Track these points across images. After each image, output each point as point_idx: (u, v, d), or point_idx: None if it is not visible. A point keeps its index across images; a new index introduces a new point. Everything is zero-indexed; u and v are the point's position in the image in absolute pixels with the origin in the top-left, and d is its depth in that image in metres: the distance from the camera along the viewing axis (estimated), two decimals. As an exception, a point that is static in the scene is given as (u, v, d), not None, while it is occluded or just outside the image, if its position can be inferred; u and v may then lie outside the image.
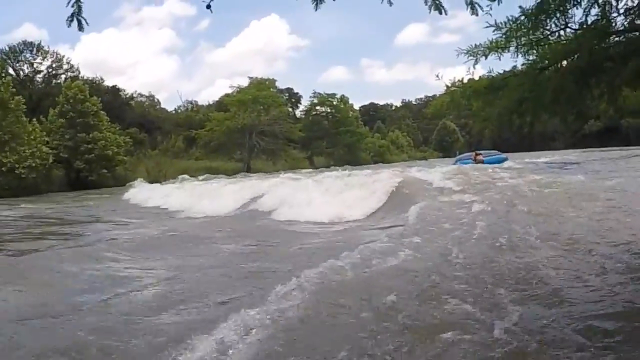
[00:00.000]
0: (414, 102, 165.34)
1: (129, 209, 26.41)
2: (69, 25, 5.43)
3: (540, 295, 6.38)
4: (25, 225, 20.15)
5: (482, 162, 41.92)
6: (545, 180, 18.66)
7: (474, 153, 46.84)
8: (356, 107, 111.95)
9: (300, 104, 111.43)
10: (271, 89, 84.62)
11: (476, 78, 6.59)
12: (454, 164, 42.45)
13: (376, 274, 7.56)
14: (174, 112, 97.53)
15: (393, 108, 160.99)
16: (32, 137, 45.75)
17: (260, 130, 77.56)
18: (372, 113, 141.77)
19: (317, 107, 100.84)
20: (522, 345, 4.85)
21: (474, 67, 6.29)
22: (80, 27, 5.49)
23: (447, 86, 6.47)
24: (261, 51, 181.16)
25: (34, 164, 44.76)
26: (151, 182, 45.43)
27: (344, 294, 6.67)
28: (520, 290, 6.56)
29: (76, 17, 5.41)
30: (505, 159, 44.53)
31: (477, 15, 6.03)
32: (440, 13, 6.23)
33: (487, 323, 5.38)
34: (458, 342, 5.02)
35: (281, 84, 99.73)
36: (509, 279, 7.09)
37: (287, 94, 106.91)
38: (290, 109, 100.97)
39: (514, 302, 6.10)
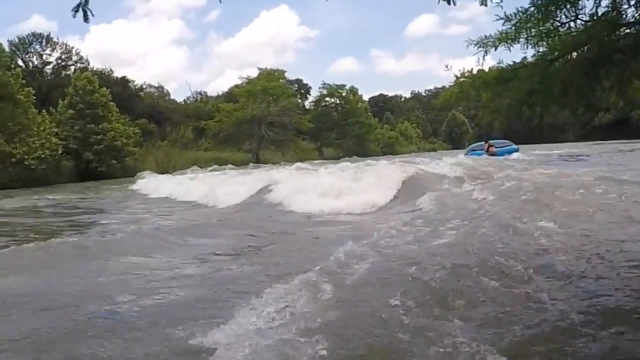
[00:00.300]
0: (423, 94, 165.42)
1: (138, 200, 26.47)
2: (74, 16, 5.38)
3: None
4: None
5: (495, 154, 41.16)
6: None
7: (486, 144, 46.00)
8: (365, 98, 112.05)
9: (310, 95, 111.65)
10: (280, 80, 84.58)
11: (485, 69, 6.56)
12: (466, 154, 42.29)
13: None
14: (183, 103, 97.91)
15: (402, 99, 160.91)
16: (41, 128, 45.95)
17: (269, 121, 77.63)
18: (382, 104, 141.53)
19: (327, 98, 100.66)
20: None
21: (484, 59, 6.26)
22: (86, 19, 5.44)
23: (456, 77, 6.44)
24: (270, 42, 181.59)
25: (43, 155, 44.96)
26: (160, 172, 45.47)
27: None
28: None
29: (82, 7, 5.37)
30: (517, 150, 44.25)
31: (486, 6, 5.98)
32: (449, 4, 6.18)
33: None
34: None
35: (290, 75, 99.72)
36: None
37: (296, 85, 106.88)
38: (299, 100, 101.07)
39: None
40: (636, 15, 5.71)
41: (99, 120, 53.76)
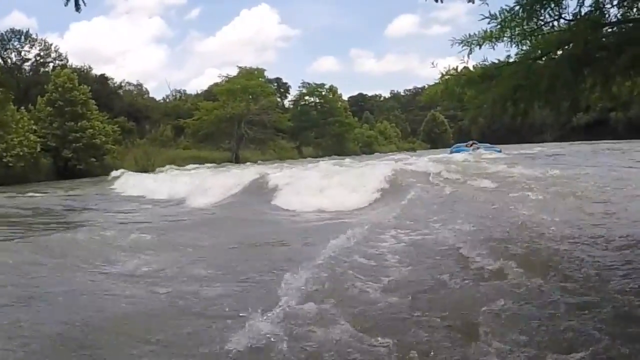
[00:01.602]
0: (402, 93, 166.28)
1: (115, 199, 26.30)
2: (66, 4, 5.37)
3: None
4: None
5: (479, 148, 45.69)
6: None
7: (470, 142, 50.71)
8: (345, 97, 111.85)
9: (289, 94, 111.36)
10: (260, 79, 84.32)
11: (469, 68, 6.66)
12: (450, 153, 43.49)
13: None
14: (162, 101, 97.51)
15: (382, 99, 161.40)
16: (19, 125, 45.40)
17: (249, 119, 77.40)
18: (361, 104, 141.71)
19: (306, 97, 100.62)
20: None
21: (469, 57, 6.37)
22: (78, 8, 5.46)
23: (441, 74, 6.54)
24: (251, 41, 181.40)
25: (21, 153, 44.45)
26: (140, 171, 45.31)
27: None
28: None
29: (74, -3, 5.38)
30: (499, 151, 46.13)
31: (473, 3, 6.08)
32: (436, 1, 6.28)
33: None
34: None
35: (270, 74, 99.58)
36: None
37: (275, 84, 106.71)
38: (279, 99, 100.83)
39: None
40: (618, 15, 5.83)
41: (78, 118, 53.18)
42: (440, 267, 7.16)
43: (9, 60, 68.24)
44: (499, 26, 6.08)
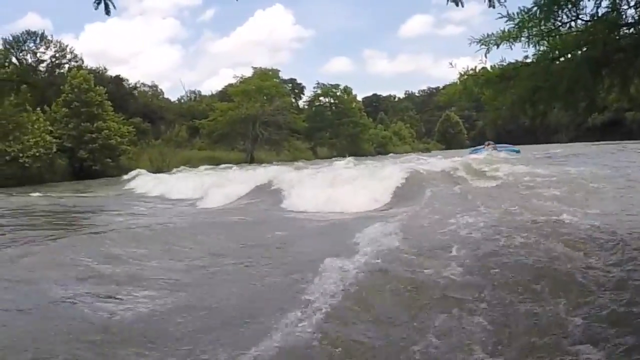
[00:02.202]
0: (416, 94, 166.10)
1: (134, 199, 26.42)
2: (96, 8, 5.43)
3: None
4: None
5: (496, 148, 46.65)
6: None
7: (486, 142, 52.00)
8: (359, 98, 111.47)
9: (304, 94, 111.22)
10: (274, 80, 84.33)
11: (486, 67, 6.66)
12: (470, 154, 43.83)
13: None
14: (177, 102, 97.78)
15: (396, 99, 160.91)
16: (35, 126, 45.70)
17: (263, 120, 77.32)
18: (375, 104, 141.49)
19: (321, 98, 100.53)
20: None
21: (486, 57, 6.37)
22: (107, 11, 5.51)
23: (460, 74, 6.54)
24: (265, 41, 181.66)
25: (37, 154, 44.81)
26: (155, 171, 45.53)
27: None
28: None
29: (104, 0, 5.43)
30: (518, 151, 47.13)
31: (494, 7, 6.09)
32: (457, 5, 6.29)
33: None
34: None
35: (284, 75, 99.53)
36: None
37: (290, 85, 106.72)
38: (293, 100, 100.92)
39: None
40: (636, 16, 5.81)
41: (94, 119, 53.57)
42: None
43: (24, 62, 68.57)
44: (516, 27, 6.08)
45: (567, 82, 5.57)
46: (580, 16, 5.98)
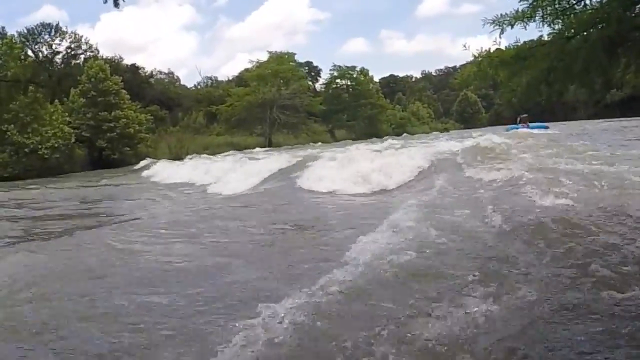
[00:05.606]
0: (434, 74, 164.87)
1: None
2: (105, 1, 5.39)
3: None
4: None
5: (528, 126, 49.36)
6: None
7: (521, 117, 55.38)
8: (376, 79, 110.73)
9: (320, 77, 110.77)
10: (291, 63, 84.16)
11: (501, 48, 6.54)
12: (506, 131, 45.11)
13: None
14: (193, 88, 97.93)
15: (413, 80, 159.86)
16: (53, 117, 45.88)
17: (280, 104, 77.28)
18: (392, 85, 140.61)
19: (337, 80, 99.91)
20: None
21: (500, 37, 6.25)
22: (116, 4, 5.46)
23: (474, 56, 6.42)
24: (281, 25, 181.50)
25: (56, 145, 45.21)
26: (173, 158, 45.48)
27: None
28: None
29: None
30: (547, 127, 48.55)
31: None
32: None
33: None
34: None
35: (300, 58, 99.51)
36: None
37: (306, 68, 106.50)
38: (310, 83, 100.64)
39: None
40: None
41: (111, 108, 53.87)
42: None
43: (40, 54, 68.85)
44: (530, 6, 5.94)
45: (582, 61, 5.43)
46: (594, -7, 5.84)
